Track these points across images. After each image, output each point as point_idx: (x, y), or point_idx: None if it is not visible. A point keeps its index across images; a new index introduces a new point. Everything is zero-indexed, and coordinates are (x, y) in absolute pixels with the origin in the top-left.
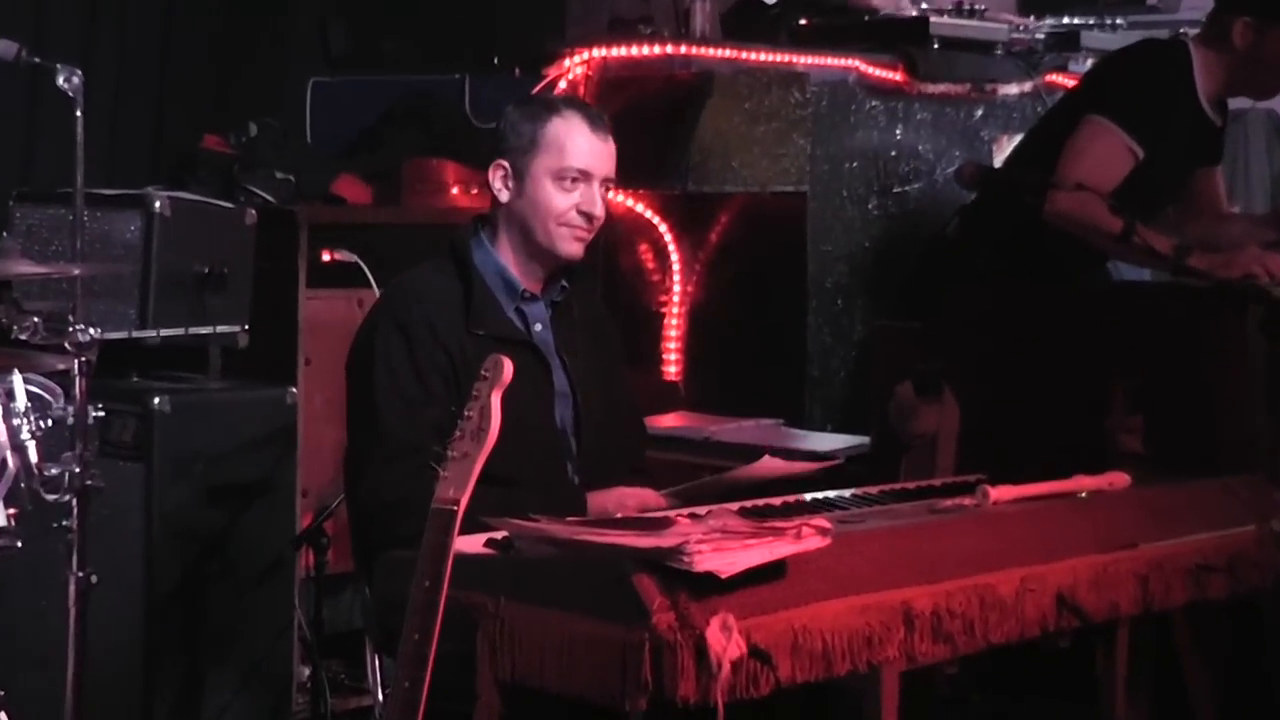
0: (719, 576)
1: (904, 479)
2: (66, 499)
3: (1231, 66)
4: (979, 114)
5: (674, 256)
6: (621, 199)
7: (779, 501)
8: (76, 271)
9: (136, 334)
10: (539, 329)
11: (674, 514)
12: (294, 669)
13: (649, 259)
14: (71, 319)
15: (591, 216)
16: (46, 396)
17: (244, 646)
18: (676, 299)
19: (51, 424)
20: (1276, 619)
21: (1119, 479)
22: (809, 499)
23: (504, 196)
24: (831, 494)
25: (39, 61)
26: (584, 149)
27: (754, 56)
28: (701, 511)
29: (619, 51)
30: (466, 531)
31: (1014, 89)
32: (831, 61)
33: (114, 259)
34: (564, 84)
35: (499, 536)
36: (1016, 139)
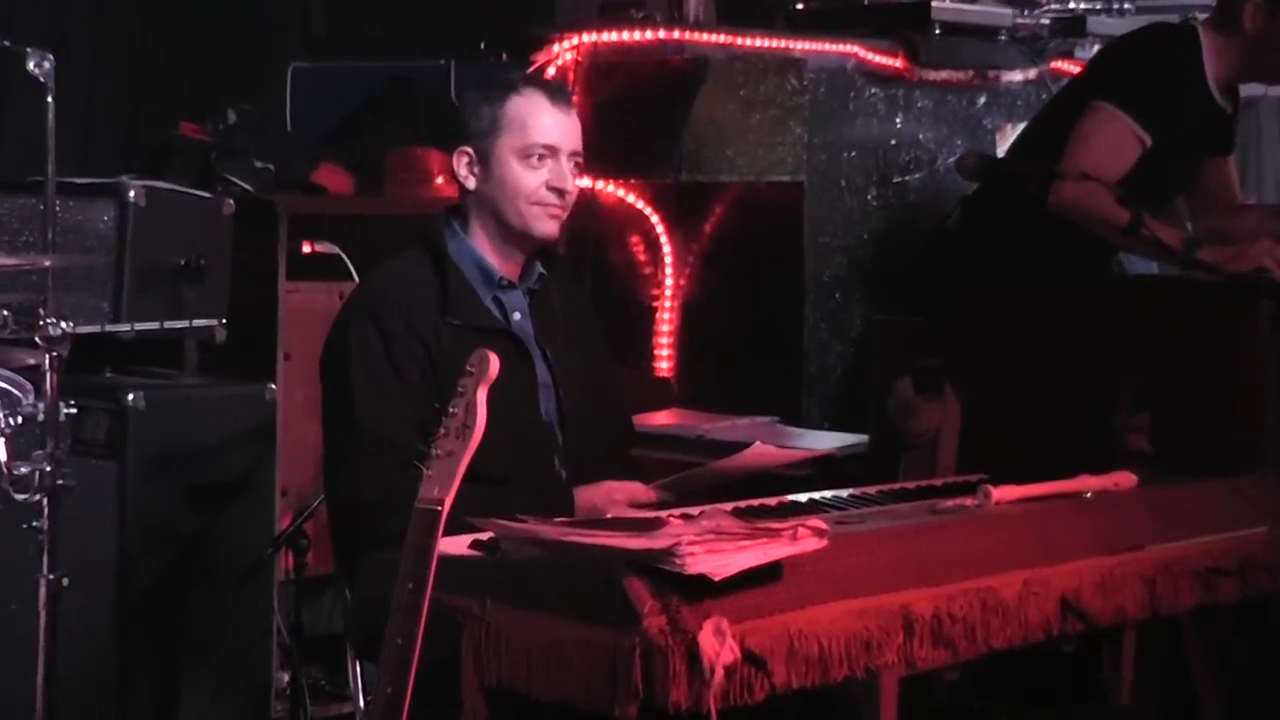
0: (712, 579)
1: (903, 478)
2: (37, 499)
3: (1242, 51)
4: (982, 102)
5: (666, 249)
6: (612, 189)
7: (774, 502)
8: (48, 263)
9: (110, 328)
10: (518, 318)
11: (666, 514)
12: (273, 674)
13: (640, 251)
14: (42, 312)
15: (563, 191)
16: (16, 392)
17: (221, 651)
18: (669, 292)
19: (21, 421)
20: None
21: (1125, 479)
22: (805, 499)
23: (471, 184)
24: (829, 494)
25: (9, 45)
26: (548, 124)
27: (749, 42)
28: (694, 512)
29: (610, 36)
30: (451, 532)
31: (1018, 76)
32: (830, 47)
33: (87, 250)
34: (553, 70)
35: (485, 538)
36: (1020, 127)
